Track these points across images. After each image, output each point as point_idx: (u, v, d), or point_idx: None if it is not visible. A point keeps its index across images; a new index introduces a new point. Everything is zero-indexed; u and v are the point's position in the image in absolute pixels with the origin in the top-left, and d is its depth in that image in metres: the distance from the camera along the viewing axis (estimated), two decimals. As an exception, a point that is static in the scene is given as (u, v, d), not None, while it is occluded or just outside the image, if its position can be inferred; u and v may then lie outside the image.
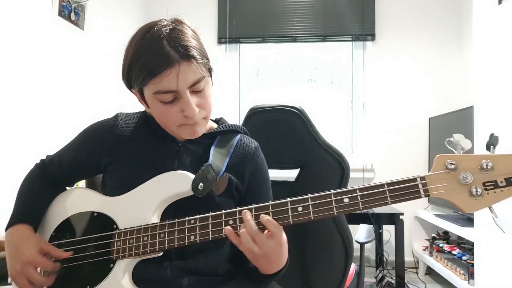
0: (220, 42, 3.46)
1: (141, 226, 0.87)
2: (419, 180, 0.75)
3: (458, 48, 3.27)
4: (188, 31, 0.86)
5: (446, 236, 2.86)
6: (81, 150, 1.00)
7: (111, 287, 0.86)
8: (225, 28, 3.46)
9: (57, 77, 2.30)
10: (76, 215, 0.95)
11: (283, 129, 1.36)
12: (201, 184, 0.87)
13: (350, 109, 3.46)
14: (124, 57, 0.89)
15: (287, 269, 0.94)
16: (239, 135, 1.02)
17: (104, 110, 1.10)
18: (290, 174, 1.38)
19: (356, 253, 1.48)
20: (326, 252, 1.35)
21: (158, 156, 0.95)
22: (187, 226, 0.85)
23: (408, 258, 2.91)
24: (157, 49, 0.82)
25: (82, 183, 1.16)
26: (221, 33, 3.46)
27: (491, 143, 0.76)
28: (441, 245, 2.78)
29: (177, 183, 0.89)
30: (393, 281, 2.49)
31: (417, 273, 3.10)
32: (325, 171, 1.35)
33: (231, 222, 0.82)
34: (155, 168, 0.92)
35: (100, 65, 2.74)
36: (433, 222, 2.82)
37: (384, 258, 2.70)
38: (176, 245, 0.84)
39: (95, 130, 1.00)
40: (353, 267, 1.51)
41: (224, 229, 0.82)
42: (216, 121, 1.06)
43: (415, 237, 3.13)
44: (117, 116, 1.02)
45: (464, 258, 2.43)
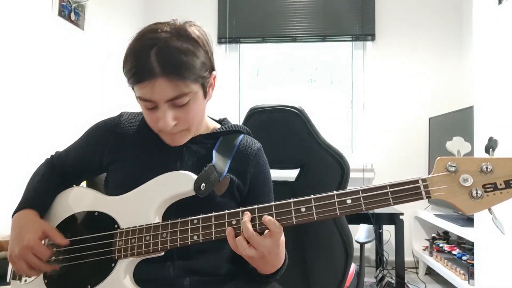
0: (220, 42, 3.46)
1: (143, 226, 0.87)
2: (420, 182, 0.75)
3: (458, 48, 3.27)
4: (184, 45, 0.83)
5: (446, 236, 2.86)
6: (85, 147, 1.01)
7: (112, 286, 0.86)
8: (225, 28, 3.46)
9: (57, 77, 2.30)
10: (77, 215, 0.95)
11: (283, 129, 1.36)
12: (203, 185, 0.87)
13: (350, 109, 3.46)
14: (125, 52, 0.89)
15: (287, 269, 0.94)
16: (242, 136, 1.02)
17: (104, 110, 1.10)
18: (290, 174, 1.39)
19: (356, 253, 1.48)
20: (326, 252, 1.35)
21: (161, 156, 0.95)
22: (190, 226, 0.85)
23: (408, 258, 2.91)
24: (143, 58, 0.81)
25: (83, 184, 1.16)
26: (221, 33, 3.46)
27: (490, 146, 0.77)
28: (441, 245, 2.77)
29: (179, 183, 0.89)
30: (393, 281, 2.49)
31: (417, 273, 3.10)
32: (325, 171, 1.35)
33: (234, 222, 0.82)
34: (157, 168, 0.92)
35: (100, 65, 2.74)
36: (433, 222, 2.82)
37: (384, 258, 2.70)
38: (178, 245, 0.84)
39: (99, 128, 1.01)
40: (353, 267, 1.51)
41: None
42: (219, 121, 1.07)
43: (415, 237, 3.13)
44: (121, 115, 1.03)
45: (464, 258, 2.43)
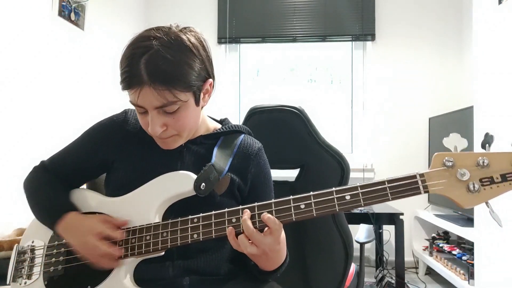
0: (220, 42, 3.46)
1: (143, 226, 0.87)
2: (418, 177, 0.76)
3: (458, 48, 3.27)
4: (177, 55, 0.82)
5: (446, 236, 2.86)
6: (90, 146, 0.99)
7: (112, 287, 0.86)
8: (225, 28, 3.46)
9: (57, 77, 2.30)
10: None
11: (283, 129, 1.36)
12: (203, 184, 0.87)
13: (350, 109, 3.46)
14: None
15: (288, 269, 0.94)
16: (242, 136, 1.02)
17: (104, 110, 1.09)
18: (290, 174, 1.39)
19: (356, 253, 1.48)
20: (326, 252, 1.35)
21: (161, 156, 0.95)
22: (190, 225, 0.85)
23: (408, 258, 2.91)
24: (134, 65, 0.81)
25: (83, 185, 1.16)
26: (221, 33, 3.46)
27: (486, 141, 0.78)
28: (441, 245, 2.77)
29: (179, 183, 0.89)
30: (393, 281, 2.49)
31: (417, 273, 3.10)
32: (325, 171, 1.35)
33: (234, 221, 0.82)
34: (158, 168, 0.92)
35: (100, 65, 2.75)
36: (433, 222, 2.82)
37: (384, 258, 2.70)
38: (179, 244, 0.84)
39: (105, 126, 1.00)
40: (353, 267, 1.51)
41: (227, 229, 0.82)
42: (220, 121, 1.07)
43: (415, 237, 3.13)
44: (126, 111, 1.01)
45: (464, 258, 2.43)
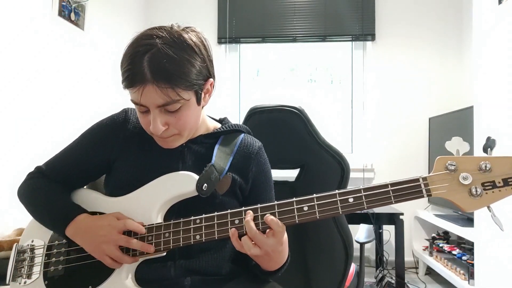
0: (220, 42, 3.46)
1: (145, 226, 0.87)
2: (421, 180, 0.77)
3: (458, 48, 3.27)
4: (179, 53, 0.82)
5: (446, 236, 2.86)
6: (93, 148, 0.98)
7: (113, 287, 0.86)
8: (225, 28, 3.46)
9: (57, 77, 2.30)
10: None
11: (283, 129, 1.36)
12: (205, 185, 0.87)
13: (350, 109, 3.46)
14: None
15: (288, 269, 0.94)
16: (242, 135, 1.02)
17: (104, 110, 1.09)
18: (290, 174, 1.39)
19: (356, 253, 1.48)
20: (326, 252, 1.35)
21: (163, 156, 0.95)
22: (192, 225, 0.85)
23: (408, 258, 2.91)
24: (136, 62, 0.82)
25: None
26: (221, 33, 3.46)
27: (488, 145, 0.78)
28: (441, 245, 2.77)
29: (181, 183, 0.89)
30: (393, 281, 2.49)
31: (417, 273, 3.10)
32: (325, 171, 1.35)
33: (237, 222, 0.82)
34: (159, 168, 0.92)
35: (100, 65, 2.74)
36: (433, 222, 2.82)
37: (384, 258, 2.70)
38: (181, 245, 0.85)
39: (106, 125, 0.99)
40: (353, 267, 1.51)
41: (230, 230, 0.82)
42: (219, 121, 1.07)
43: (415, 237, 3.13)
44: (126, 111, 1.01)
45: (464, 258, 2.43)
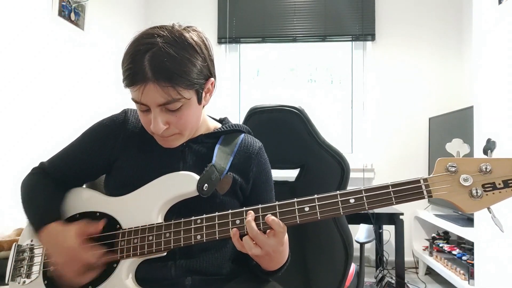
0: (220, 42, 3.46)
1: (146, 226, 0.87)
2: (422, 181, 0.77)
3: (458, 48, 3.27)
4: (181, 52, 0.83)
5: (446, 236, 2.86)
6: (91, 148, 0.98)
7: (114, 287, 0.86)
8: (225, 28, 3.46)
9: (57, 77, 2.30)
10: (78, 216, 0.95)
11: (283, 129, 1.36)
12: (206, 185, 0.87)
13: (350, 109, 3.46)
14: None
15: (288, 269, 0.94)
16: (242, 135, 1.03)
17: (104, 110, 1.09)
18: (290, 174, 1.39)
19: (356, 253, 1.48)
20: (326, 252, 1.35)
21: (163, 156, 0.95)
22: (193, 225, 0.85)
23: (408, 258, 2.91)
24: (137, 61, 0.82)
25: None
26: (221, 33, 3.46)
27: (488, 147, 0.79)
28: (441, 245, 2.77)
29: (182, 184, 0.89)
30: (393, 281, 2.49)
31: (417, 273, 3.10)
32: (325, 171, 1.35)
33: (238, 222, 0.82)
34: (160, 168, 0.92)
35: (100, 65, 2.74)
36: (433, 222, 2.82)
37: (384, 258, 2.70)
38: (182, 245, 0.84)
39: (106, 126, 0.99)
40: (353, 267, 1.51)
41: (231, 230, 0.82)
42: (220, 120, 1.07)
43: (415, 237, 3.13)
44: (125, 111, 1.01)
45: (464, 258, 2.43)
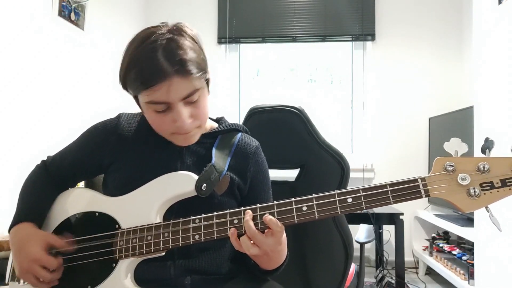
0: (220, 42, 3.46)
1: (144, 226, 0.87)
2: (420, 181, 0.77)
3: (458, 48, 3.27)
4: (186, 42, 0.84)
5: (446, 236, 2.86)
6: (84, 149, 1.00)
7: (113, 287, 0.86)
8: (225, 28, 3.46)
9: (57, 77, 2.30)
10: (77, 216, 0.95)
11: (283, 129, 1.36)
12: (204, 185, 0.87)
13: (350, 109, 3.46)
14: (121, 61, 0.88)
15: (288, 269, 0.94)
16: (240, 134, 1.03)
17: (104, 110, 1.09)
18: (290, 174, 1.38)
19: (356, 253, 1.48)
20: (326, 252, 1.35)
21: (161, 156, 0.95)
22: (191, 225, 0.85)
23: (408, 258, 2.91)
24: (151, 61, 0.81)
25: (82, 184, 1.16)
26: (221, 33, 3.46)
27: (486, 146, 0.79)
28: (441, 245, 2.77)
29: (180, 183, 0.89)
30: (393, 281, 2.49)
31: (417, 273, 3.10)
32: (325, 171, 1.35)
33: (236, 222, 0.82)
34: (157, 168, 0.92)
35: (100, 65, 2.74)
36: (433, 222, 2.82)
37: (384, 258, 2.70)
38: (180, 244, 0.84)
39: (98, 130, 1.00)
40: (353, 267, 1.51)
41: (229, 229, 0.82)
42: (216, 120, 1.07)
43: (415, 237, 3.13)
44: (119, 116, 1.02)
45: (464, 258, 2.43)
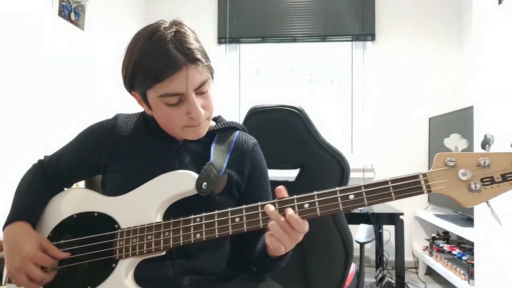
0: (220, 42, 3.46)
1: (144, 225, 0.87)
2: (421, 176, 0.77)
3: (458, 48, 3.27)
4: (190, 33, 0.87)
5: (446, 236, 2.86)
6: (80, 150, 1.00)
7: (113, 287, 0.86)
8: (225, 28, 3.46)
9: (56, 77, 2.30)
10: (75, 216, 0.94)
11: (283, 129, 1.36)
12: (205, 183, 0.87)
13: (350, 109, 3.46)
14: (126, 60, 0.88)
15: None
16: (237, 132, 1.03)
17: (103, 110, 1.09)
18: (290, 174, 1.38)
19: (356, 253, 1.48)
20: (326, 252, 1.35)
21: (158, 155, 0.95)
22: (192, 224, 0.85)
23: (408, 258, 2.91)
24: (164, 53, 0.82)
25: (82, 184, 1.16)
26: (221, 33, 3.46)
27: (486, 142, 0.79)
28: (441, 245, 2.77)
29: (181, 182, 0.88)
30: (393, 281, 2.49)
31: (417, 273, 3.10)
32: (325, 171, 1.35)
33: (237, 220, 0.82)
34: (155, 167, 0.92)
35: (100, 65, 2.75)
36: (433, 222, 2.82)
37: (384, 258, 2.70)
38: (181, 243, 0.84)
39: (95, 131, 1.00)
40: (353, 267, 1.51)
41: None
42: (214, 119, 1.07)
43: (415, 237, 3.13)
44: (116, 117, 1.02)
45: (464, 258, 2.43)
